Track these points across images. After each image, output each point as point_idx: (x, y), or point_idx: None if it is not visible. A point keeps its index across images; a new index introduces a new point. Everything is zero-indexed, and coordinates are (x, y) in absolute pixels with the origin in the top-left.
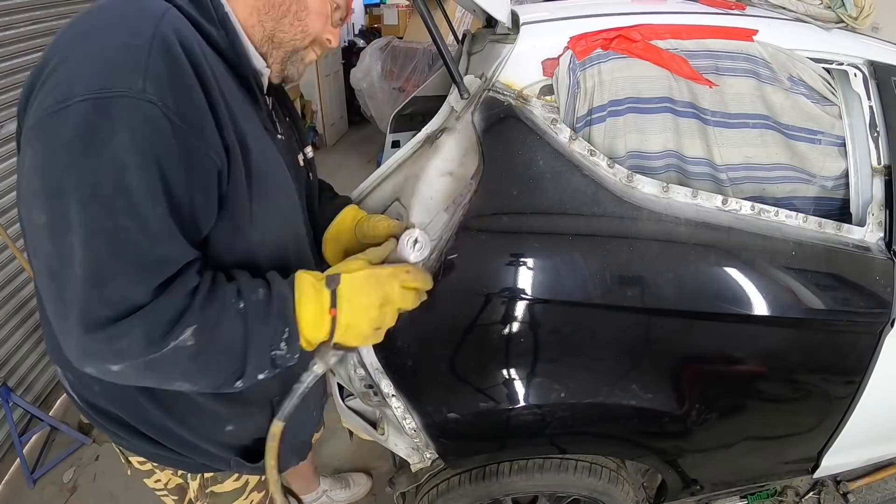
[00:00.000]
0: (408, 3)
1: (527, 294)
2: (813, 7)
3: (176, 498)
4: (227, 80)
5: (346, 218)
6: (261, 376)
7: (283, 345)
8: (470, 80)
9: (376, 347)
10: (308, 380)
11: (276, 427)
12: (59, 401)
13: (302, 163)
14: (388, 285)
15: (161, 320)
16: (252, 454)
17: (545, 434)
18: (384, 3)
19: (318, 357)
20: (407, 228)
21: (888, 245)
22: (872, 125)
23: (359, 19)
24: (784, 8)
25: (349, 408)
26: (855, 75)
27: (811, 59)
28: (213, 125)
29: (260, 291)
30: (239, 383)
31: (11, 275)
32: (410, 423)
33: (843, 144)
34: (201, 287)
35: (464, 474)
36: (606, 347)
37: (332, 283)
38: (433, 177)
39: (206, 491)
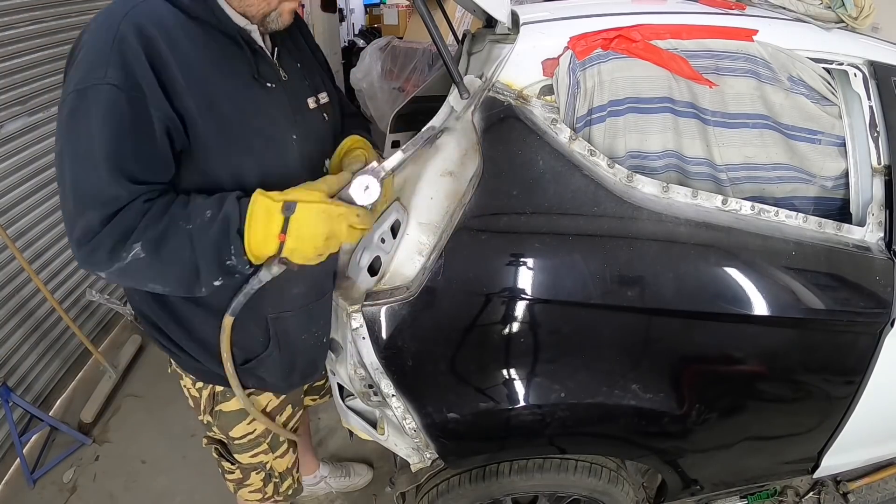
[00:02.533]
0: (408, 3)
1: (527, 294)
2: (813, 7)
3: (192, 406)
4: (205, 46)
5: (343, 147)
6: (217, 283)
7: (233, 257)
8: (470, 80)
9: (376, 347)
10: (254, 284)
11: (227, 321)
12: (59, 401)
13: (313, 105)
14: (338, 224)
15: (113, 238)
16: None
17: (545, 434)
18: (384, 3)
19: (265, 267)
20: (365, 166)
21: (888, 245)
22: (872, 125)
23: (359, 19)
24: (784, 8)
25: (349, 408)
26: (855, 75)
27: (811, 59)
28: (162, 96)
29: (207, 214)
30: (202, 290)
31: (11, 275)
32: (410, 423)
33: (843, 144)
34: (149, 212)
35: (464, 474)
36: (606, 347)
37: (288, 210)
38: (433, 176)
39: (215, 409)
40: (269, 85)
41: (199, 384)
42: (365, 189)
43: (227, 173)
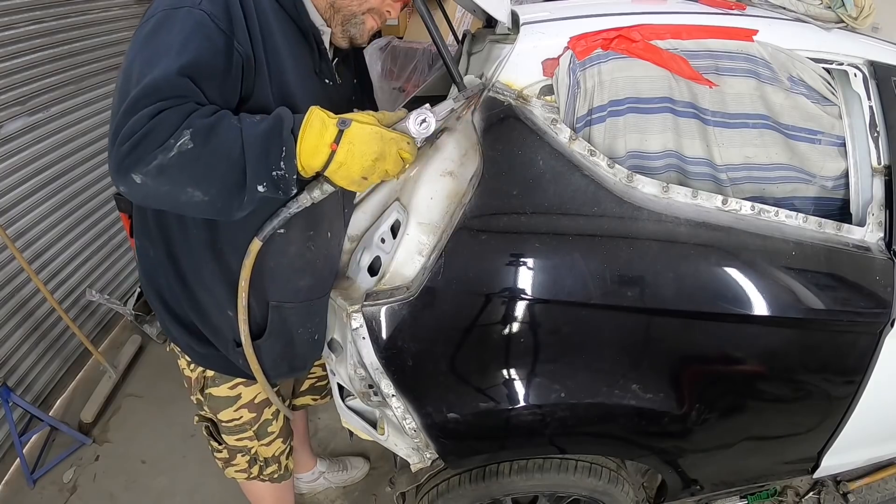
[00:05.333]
0: (408, 3)
1: (527, 294)
2: (813, 7)
3: (186, 386)
4: (284, 28)
5: None
6: (261, 189)
7: (281, 163)
8: (470, 80)
9: (376, 347)
10: (293, 208)
11: (254, 245)
12: (59, 401)
13: None
14: (389, 146)
15: (165, 126)
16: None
17: (545, 434)
18: None
19: (307, 190)
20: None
21: (888, 245)
22: (872, 125)
23: None
24: (784, 8)
25: (349, 408)
26: (855, 75)
27: (811, 59)
28: (247, 37)
29: (257, 117)
30: (244, 199)
31: (11, 274)
32: (410, 423)
33: (843, 144)
34: (203, 109)
35: (464, 474)
36: (606, 347)
37: (343, 124)
38: (433, 177)
39: (205, 391)
40: (326, 81)
41: (193, 364)
42: (422, 122)
43: None
